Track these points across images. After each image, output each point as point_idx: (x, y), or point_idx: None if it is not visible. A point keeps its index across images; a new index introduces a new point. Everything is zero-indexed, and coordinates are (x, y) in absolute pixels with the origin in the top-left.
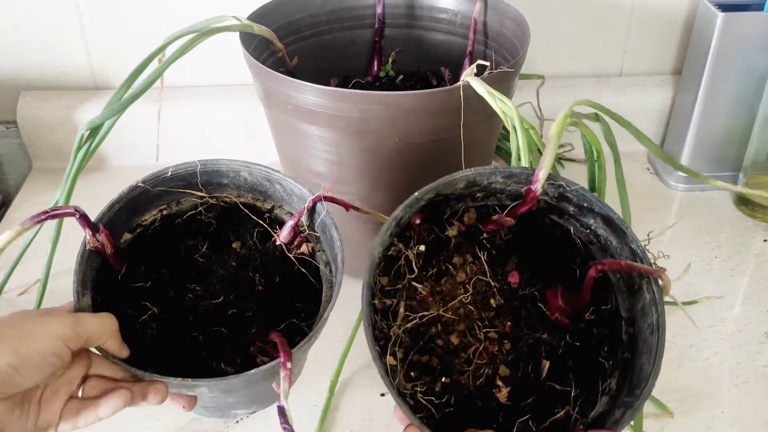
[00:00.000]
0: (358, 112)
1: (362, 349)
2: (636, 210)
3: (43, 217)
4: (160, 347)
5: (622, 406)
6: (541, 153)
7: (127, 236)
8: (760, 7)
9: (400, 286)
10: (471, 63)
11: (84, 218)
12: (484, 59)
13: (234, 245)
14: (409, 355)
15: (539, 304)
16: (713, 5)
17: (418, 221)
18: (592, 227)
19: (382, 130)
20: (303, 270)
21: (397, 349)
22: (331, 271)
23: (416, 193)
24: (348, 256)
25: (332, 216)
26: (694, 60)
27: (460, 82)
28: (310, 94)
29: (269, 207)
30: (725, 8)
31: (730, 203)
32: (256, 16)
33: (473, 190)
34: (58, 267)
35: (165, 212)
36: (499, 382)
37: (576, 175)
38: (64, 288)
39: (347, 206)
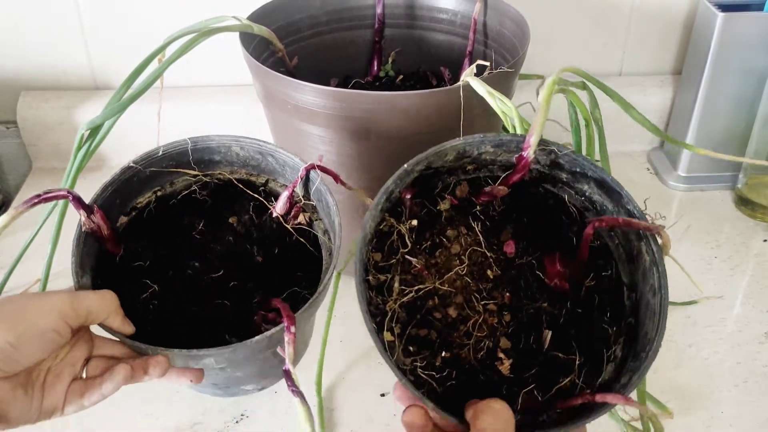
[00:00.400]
0: (358, 112)
1: (362, 349)
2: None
3: (36, 200)
4: (163, 324)
5: (629, 371)
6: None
7: (123, 219)
8: (760, 7)
9: (393, 261)
10: (471, 63)
11: (77, 200)
12: (484, 59)
13: (231, 220)
14: (407, 330)
15: (537, 272)
16: (713, 5)
17: (409, 196)
18: (587, 193)
19: (382, 130)
20: (301, 240)
21: (394, 325)
22: (330, 238)
23: (406, 165)
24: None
25: (327, 183)
26: (694, 60)
27: (460, 82)
28: (310, 94)
29: (263, 181)
30: (725, 8)
31: (730, 203)
32: (256, 17)
33: (464, 162)
34: (58, 267)
35: (159, 193)
36: (501, 355)
37: None
38: (64, 287)
39: (336, 177)
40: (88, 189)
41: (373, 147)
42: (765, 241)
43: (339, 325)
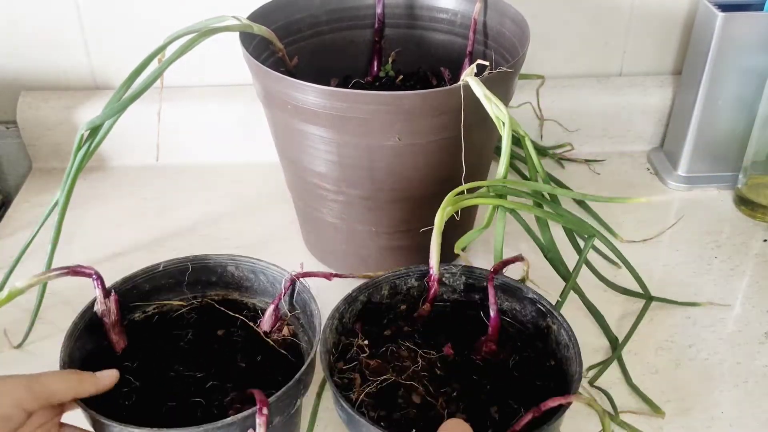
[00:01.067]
0: (358, 112)
1: None
2: (636, 210)
3: (64, 271)
4: (136, 415)
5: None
6: (535, 160)
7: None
8: (760, 7)
9: (355, 364)
10: (471, 63)
11: (100, 280)
12: (484, 59)
13: (219, 333)
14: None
15: (472, 357)
16: (713, 5)
17: (359, 325)
18: (499, 305)
19: (383, 130)
20: (283, 351)
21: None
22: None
23: (350, 291)
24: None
25: (310, 290)
26: (694, 60)
27: (461, 82)
28: (310, 94)
29: (253, 302)
30: (725, 8)
31: (730, 203)
32: (256, 16)
33: (397, 300)
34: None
35: (159, 309)
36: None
37: (576, 176)
38: (64, 288)
39: (328, 276)
40: (89, 189)
41: (374, 147)
42: (765, 241)
43: None
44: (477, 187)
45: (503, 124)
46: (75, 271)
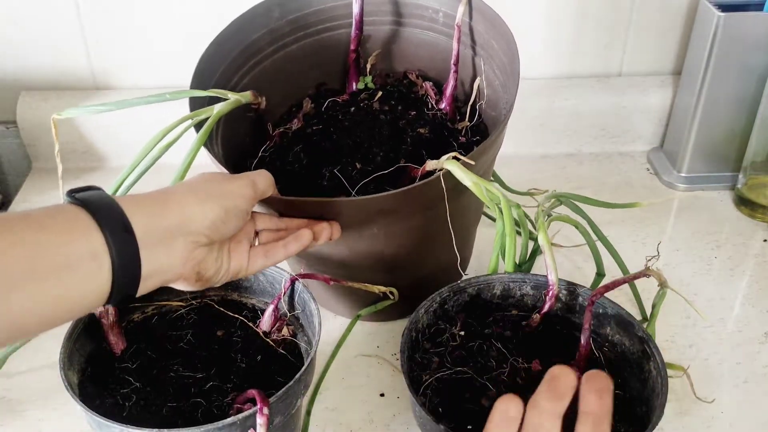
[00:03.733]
0: (330, 215)
1: (359, 349)
2: (636, 210)
3: None
4: (137, 416)
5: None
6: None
7: (128, 318)
8: (760, 7)
9: (441, 349)
10: (456, 73)
11: None
12: (473, 67)
13: (218, 333)
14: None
15: None
16: (713, 5)
17: (462, 315)
18: (608, 335)
19: (360, 225)
20: (283, 352)
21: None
22: (309, 348)
23: (459, 282)
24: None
25: (309, 291)
26: (694, 60)
27: (439, 172)
28: (278, 205)
29: (253, 302)
30: (725, 8)
31: (730, 203)
32: (210, 53)
33: (509, 303)
34: None
35: (158, 310)
36: None
37: (576, 176)
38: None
39: (327, 280)
40: None
41: (352, 238)
42: (765, 241)
43: None
44: None
45: (499, 208)
46: None
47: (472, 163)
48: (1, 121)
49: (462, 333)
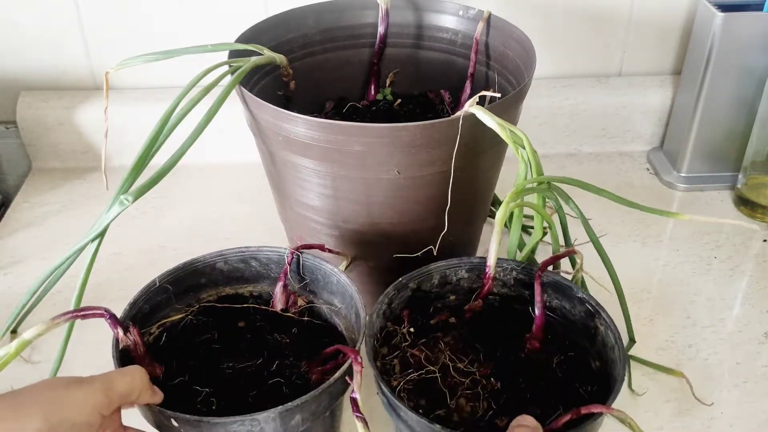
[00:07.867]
0: (354, 144)
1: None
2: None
3: (72, 315)
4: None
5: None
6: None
7: (148, 337)
8: (759, 7)
9: (398, 352)
10: (472, 85)
11: (113, 318)
12: (486, 81)
13: (240, 324)
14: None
15: (518, 356)
16: (713, 5)
17: (407, 312)
18: (548, 302)
19: (381, 164)
20: (310, 319)
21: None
22: (333, 307)
23: (401, 278)
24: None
25: (315, 257)
26: (694, 60)
27: (461, 113)
28: (302, 126)
29: (249, 290)
30: (725, 8)
31: (730, 203)
32: (246, 38)
33: (446, 290)
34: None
35: (163, 328)
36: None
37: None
38: (64, 287)
39: (322, 248)
40: (89, 189)
41: (371, 180)
42: (765, 241)
43: None
44: (540, 182)
45: (522, 146)
46: (85, 313)
47: (489, 95)
48: (1, 121)
49: (411, 330)
